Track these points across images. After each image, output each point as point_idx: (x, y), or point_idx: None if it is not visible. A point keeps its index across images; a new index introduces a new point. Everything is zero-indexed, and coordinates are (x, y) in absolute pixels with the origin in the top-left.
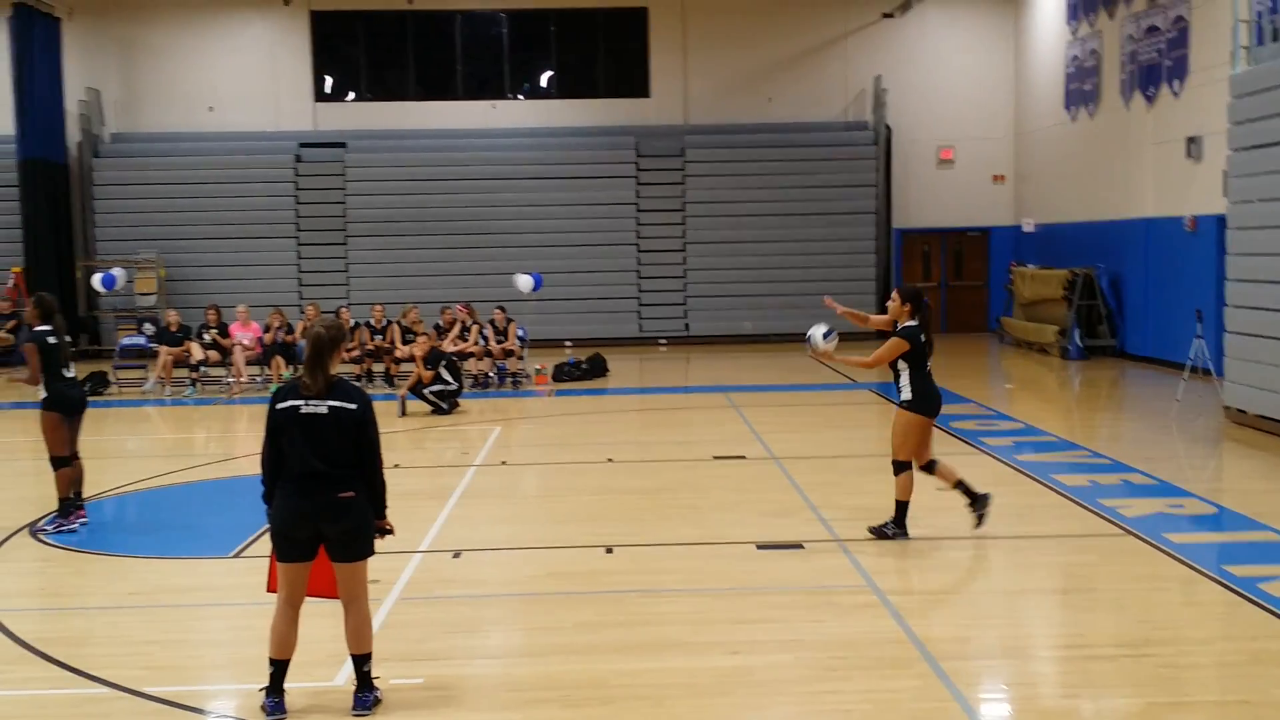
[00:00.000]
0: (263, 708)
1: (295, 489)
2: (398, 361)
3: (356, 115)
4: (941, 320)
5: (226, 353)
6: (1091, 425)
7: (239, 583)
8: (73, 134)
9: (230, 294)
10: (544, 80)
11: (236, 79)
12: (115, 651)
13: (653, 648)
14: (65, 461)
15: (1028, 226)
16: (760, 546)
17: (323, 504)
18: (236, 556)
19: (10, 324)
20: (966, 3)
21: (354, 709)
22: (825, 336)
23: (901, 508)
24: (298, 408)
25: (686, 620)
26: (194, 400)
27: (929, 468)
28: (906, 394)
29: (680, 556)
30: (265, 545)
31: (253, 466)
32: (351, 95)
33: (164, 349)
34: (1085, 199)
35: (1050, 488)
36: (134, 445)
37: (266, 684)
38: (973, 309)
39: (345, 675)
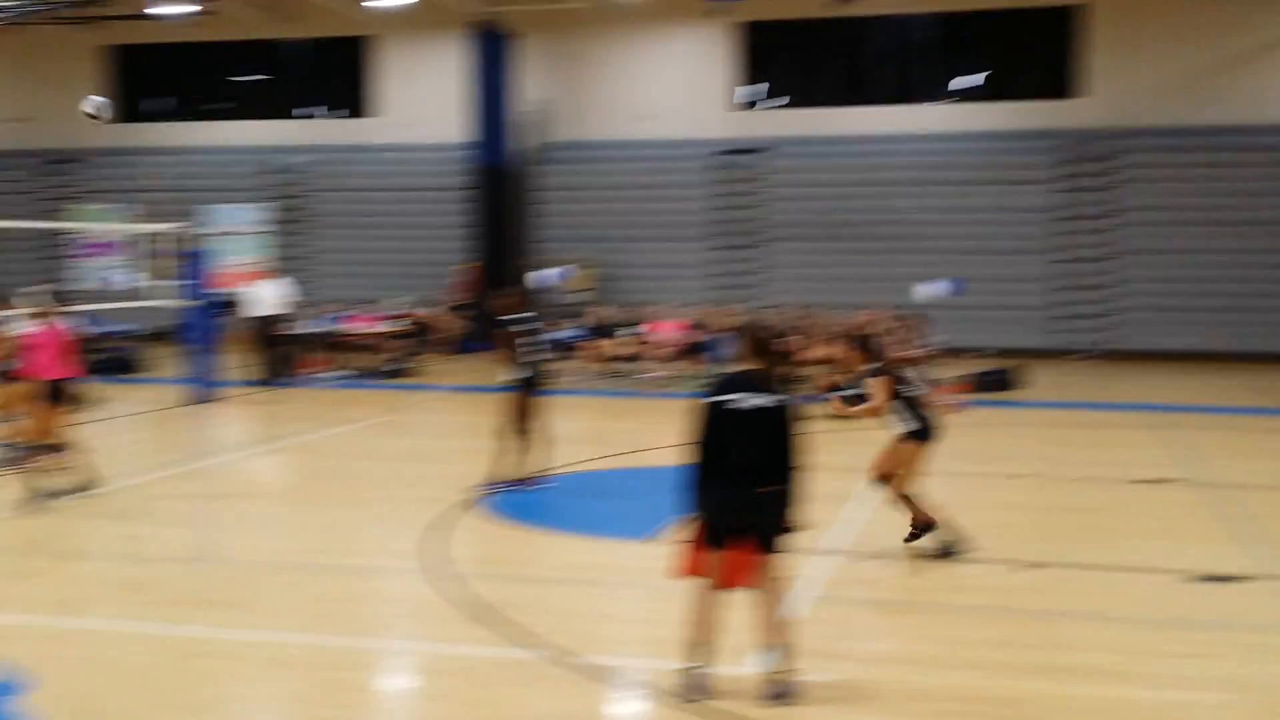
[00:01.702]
0: (689, 686)
1: (726, 480)
2: (809, 364)
3: (775, 122)
4: None
5: (648, 348)
6: None
7: (659, 566)
8: (522, 142)
9: (653, 293)
10: (964, 83)
11: (665, 90)
12: (553, 620)
13: (1077, 673)
14: (519, 435)
15: None
16: (1193, 579)
17: (751, 496)
18: (654, 541)
19: (465, 314)
20: None
21: (770, 697)
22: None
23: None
24: (734, 401)
25: (1110, 648)
26: (615, 392)
27: None
28: None
29: (1094, 581)
30: (680, 531)
31: (669, 458)
32: (771, 102)
33: (591, 343)
34: None
35: None
36: (563, 431)
37: (689, 665)
38: None
39: (760, 663)
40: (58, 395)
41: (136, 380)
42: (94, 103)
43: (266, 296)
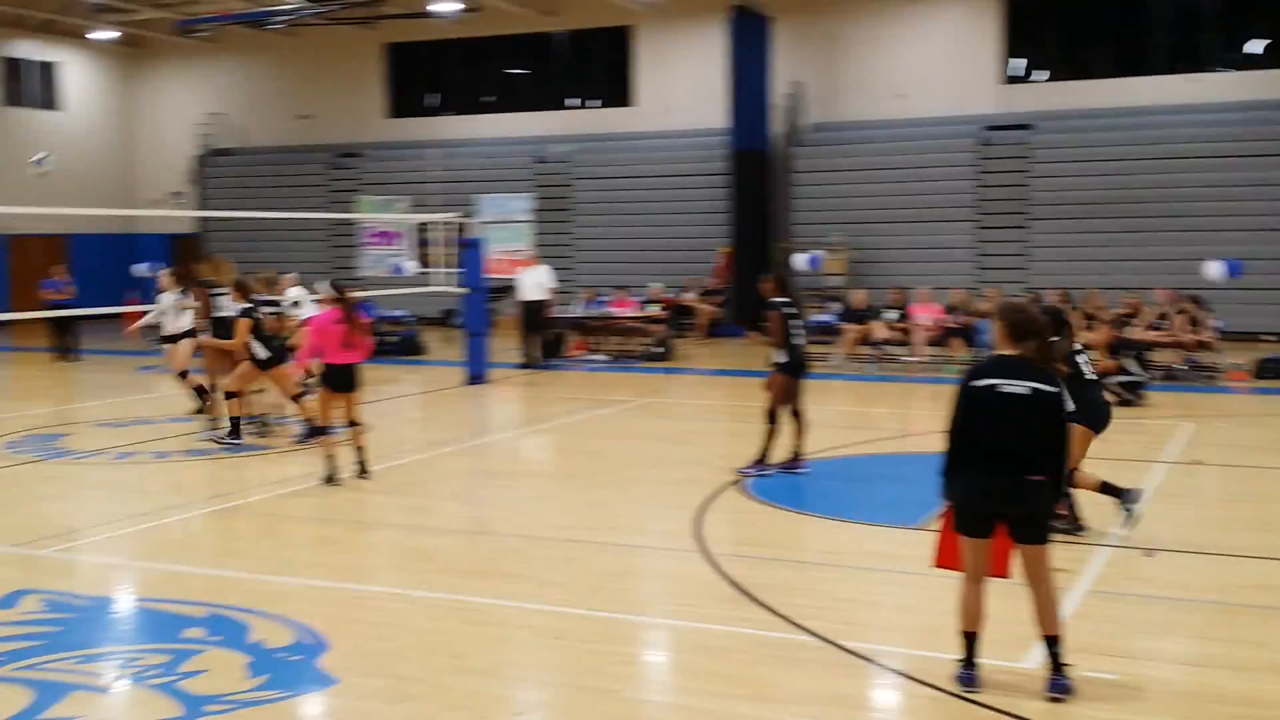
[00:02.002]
0: (957, 678)
1: (983, 467)
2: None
3: (1044, 95)
4: None
5: (908, 333)
6: None
7: (925, 554)
8: (777, 125)
9: (912, 276)
10: (1252, 49)
11: (925, 66)
12: (816, 604)
13: None
14: (777, 419)
15: None
16: None
17: (1010, 485)
18: (920, 529)
19: (718, 299)
20: None
21: (1049, 690)
22: None
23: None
24: (995, 386)
25: None
26: (875, 376)
27: None
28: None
29: None
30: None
31: (931, 444)
32: (1039, 75)
33: (849, 327)
34: None
35: None
36: (819, 416)
37: (961, 655)
38: None
39: (1035, 657)
40: (335, 380)
41: (417, 362)
42: (40, 157)
43: (534, 282)
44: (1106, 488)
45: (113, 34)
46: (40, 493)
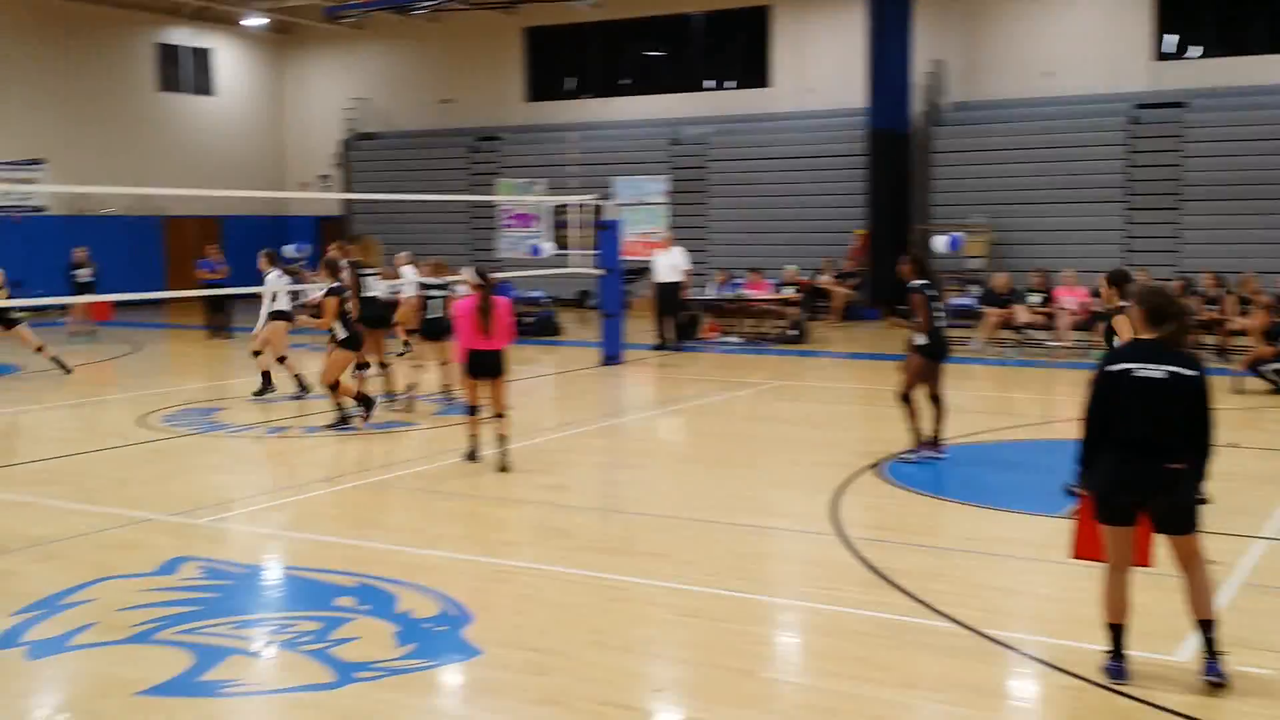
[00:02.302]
0: (1105, 669)
1: (1122, 455)
2: (1232, 334)
3: (1199, 72)
4: None
5: (1051, 317)
6: None
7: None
8: (917, 105)
9: (1056, 258)
10: None
11: (1074, 42)
12: (956, 590)
13: None
14: (909, 400)
15: None
16: None
17: (1150, 473)
18: (1064, 518)
19: (853, 281)
20: None
21: (1204, 675)
22: None
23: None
24: (1132, 371)
25: None
26: (1017, 361)
27: None
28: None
29: None
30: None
31: (1074, 431)
32: (1193, 51)
33: (990, 310)
34: None
35: None
36: (959, 400)
37: (1109, 647)
38: None
39: (1187, 650)
40: (474, 367)
41: (553, 343)
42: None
43: (669, 264)
44: None
45: (263, 20)
46: (196, 464)
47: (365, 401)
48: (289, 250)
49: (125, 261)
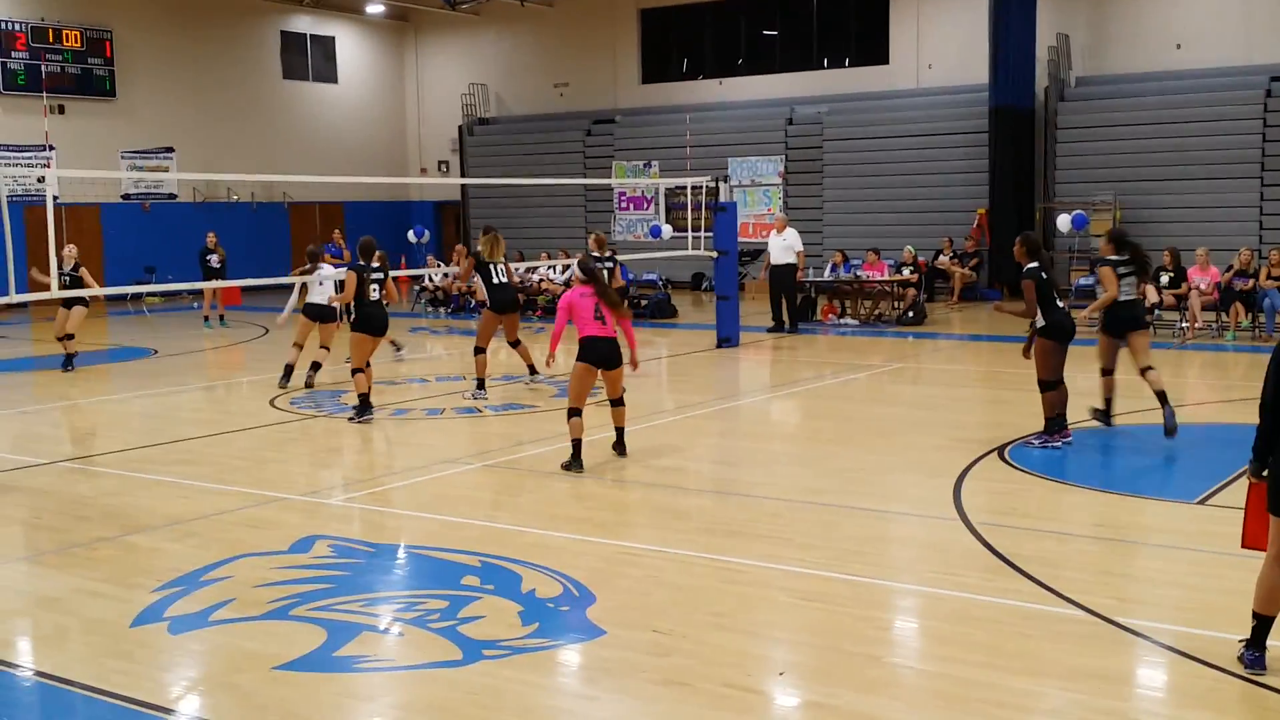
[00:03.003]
0: (1240, 659)
1: None
2: None
3: None
4: None
5: (1182, 297)
6: None
7: (1206, 530)
8: (1040, 80)
9: (1187, 236)
10: None
11: (1207, 13)
12: (1084, 577)
13: None
14: (1052, 385)
15: None
16: None
17: None
18: (1202, 503)
19: (973, 262)
20: None
21: None
22: None
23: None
24: None
25: None
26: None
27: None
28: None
29: None
30: (1234, 496)
31: (1208, 415)
32: None
33: None
34: None
35: None
36: (1085, 384)
37: (1248, 636)
38: None
39: None
40: (589, 354)
41: (668, 325)
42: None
43: (784, 246)
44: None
45: (383, 8)
46: (325, 445)
47: (364, 403)
48: (413, 235)
49: (253, 247)
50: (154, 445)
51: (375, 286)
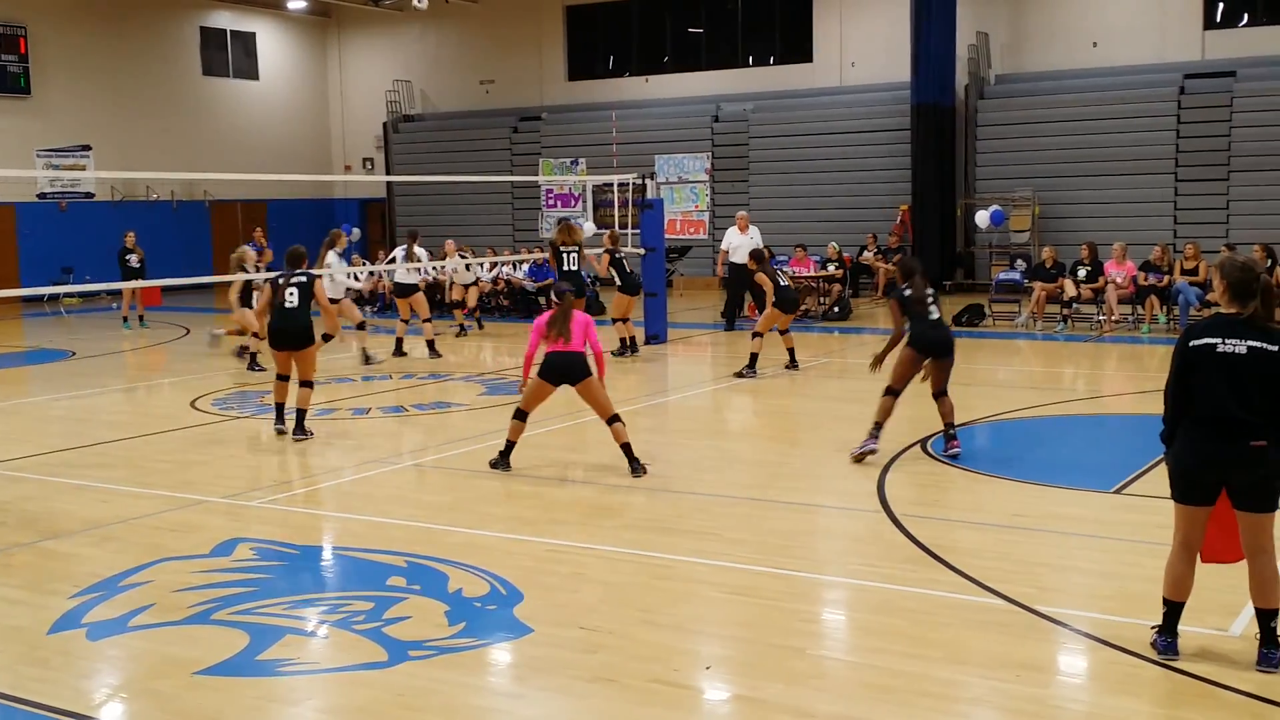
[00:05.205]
0: (1153, 644)
1: (1204, 432)
2: None
3: (1248, 41)
4: None
5: (1099, 291)
6: None
7: (1123, 519)
8: (961, 78)
9: (1104, 231)
10: None
11: (1122, 12)
12: (1005, 567)
13: None
14: (895, 394)
15: None
16: None
17: (1233, 451)
18: (1119, 493)
19: (896, 257)
20: None
21: (1259, 664)
22: None
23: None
24: (1214, 346)
25: None
26: (1064, 336)
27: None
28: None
29: None
30: (1151, 484)
31: (1124, 406)
32: (1243, 19)
33: (1037, 285)
34: None
35: None
36: (1005, 376)
37: (1159, 622)
38: None
39: (1240, 626)
40: (551, 371)
41: (599, 323)
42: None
43: (745, 244)
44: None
45: (304, 3)
46: (248, 447)
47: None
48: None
49: (173, 247)
50: (73, 449)
51: (294, 293)
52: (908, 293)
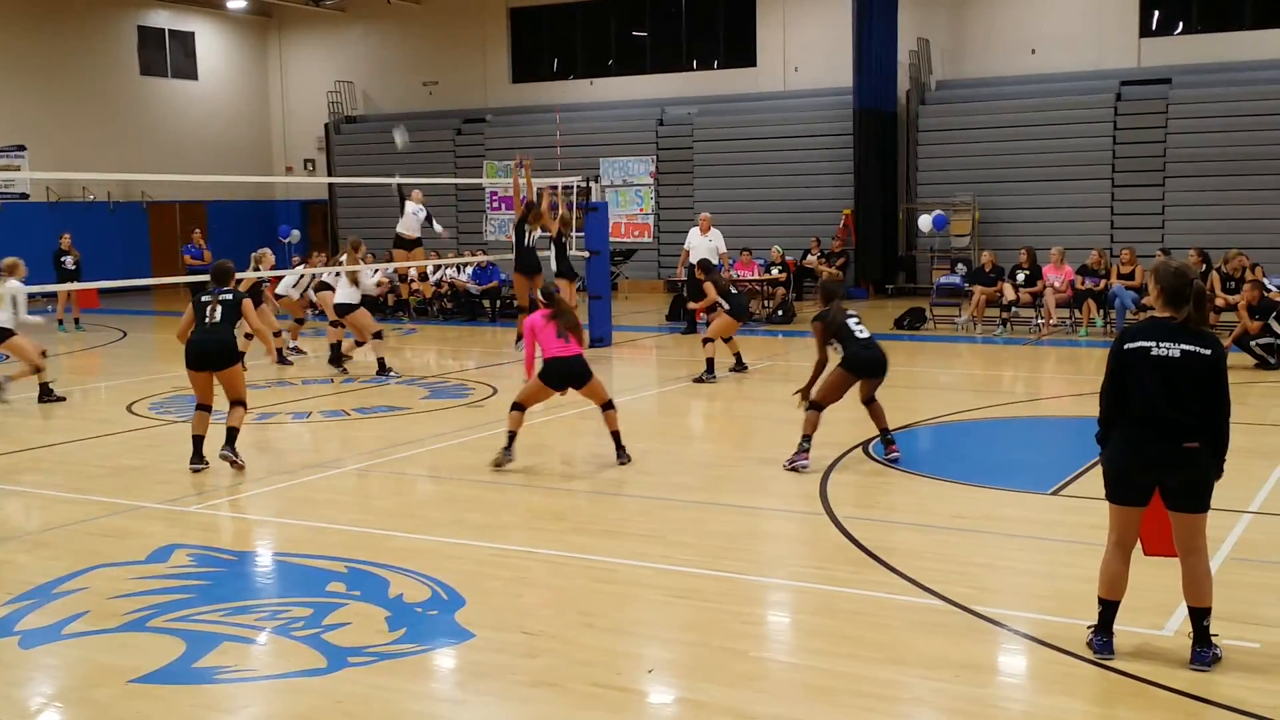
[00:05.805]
0: (1089, 644)
1: (1138, 434)
2: (1218, 310)
3: (1184, 49)
4: None
5: (1038, 295)
6: None
7: (1060, 520)
8: (902, 83)
9: (1043, 236)
10: None
11: (1061, 19)
12: (946, 568)
13: None
14: (820, 408)
15: None
16: None
17: (1166, 452)
18: (1056, 494)
19: (839, 261)
20: None
21: (1192, 662)
22: None
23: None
24: (1149, 349)
25: None
26: (1003, 339)
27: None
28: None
29: None
30: (1087, 485)
31: (1062, 408)
32: (1178, 28)
33: (977, 288)
34: None
35: None
36: (945, 379)
37: (1095, 622)
38: None
39: (1174, 625)
40: (554, 375)
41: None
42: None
43: (711, 246)
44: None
45: (244, 3)
46: (185, 452)
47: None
48: (285, 235)
49: (110, 248)
50: (5, 454)
51: (219, 310)
52: (828, 316)
